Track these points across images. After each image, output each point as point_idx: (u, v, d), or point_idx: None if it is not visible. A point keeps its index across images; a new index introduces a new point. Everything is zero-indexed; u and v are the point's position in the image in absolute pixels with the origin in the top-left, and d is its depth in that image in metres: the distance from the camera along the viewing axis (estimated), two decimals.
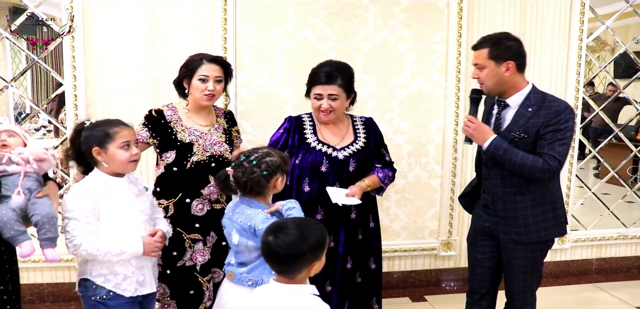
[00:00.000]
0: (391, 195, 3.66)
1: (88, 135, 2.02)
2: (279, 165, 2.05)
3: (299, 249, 1.59)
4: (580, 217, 4.08)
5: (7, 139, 1.98)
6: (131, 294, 2.05)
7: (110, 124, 2.04)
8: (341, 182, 2.52)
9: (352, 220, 2.58)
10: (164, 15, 3.23)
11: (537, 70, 3.66)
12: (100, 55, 3.21)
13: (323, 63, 2.58)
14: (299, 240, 1.60)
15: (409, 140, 3.61)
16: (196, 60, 2.54)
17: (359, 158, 2.58)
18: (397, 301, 3.64)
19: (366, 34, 3.45)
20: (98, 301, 2.01)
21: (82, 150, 2.02)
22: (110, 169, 2.04)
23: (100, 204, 1.98)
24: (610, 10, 4.30)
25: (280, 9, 3.35)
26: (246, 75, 3.36)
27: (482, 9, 3.54)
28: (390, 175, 2.67)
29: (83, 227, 1.93)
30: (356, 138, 2.64)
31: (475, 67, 2.36)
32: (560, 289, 3.85)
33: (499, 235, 2.43)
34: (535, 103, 2.29)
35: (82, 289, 2.05)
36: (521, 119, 2.28)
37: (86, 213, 1.95)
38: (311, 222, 1.76)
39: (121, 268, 2.03)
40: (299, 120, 2.65)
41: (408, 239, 3.75)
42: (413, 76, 3.55)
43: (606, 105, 4.19)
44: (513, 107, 2.33)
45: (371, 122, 2.75)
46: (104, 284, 2.01)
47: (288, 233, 1.61)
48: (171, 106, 2.60)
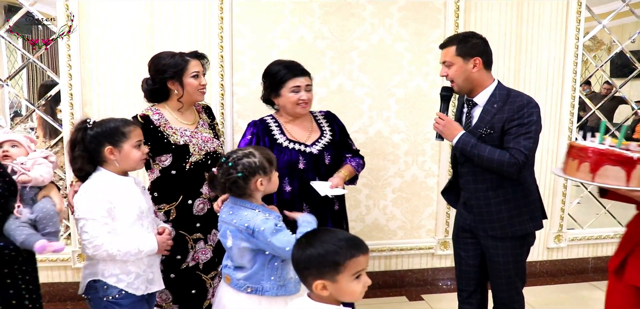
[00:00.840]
0: (388, 194, 3.66)
1: (98, 133, 2.00)
2: (259, 166, 1.99)
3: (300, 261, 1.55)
4: (577, 216, 4.09)
5: (10, 149, 1.95)
6: (142, 293, 2.05)
7: (122, 123, 2.05)
8: (320, 176, 2.54)
9: (336, 211, 2.61)
10: (160, 14, 3.22)
11: (533, 69, 3.67)
12: (96, 54, 3.20)
13: (283, 61, 2.59)
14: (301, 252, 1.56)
15: (406, 139, 3.61)
16: (179, 59, 2.49)
17: (332, 150, 2.62)
18: (393, 300, 3.64)
19: (363, 32, 3.45)
20: (110, 302, 2.00)
21: (90, 149, 1.99)
22: (120, 168, 2.03)
23: (114, 203, 1.97)
24: (606, 10, 4.30)
25: (277, 7, 3.34)
26: (243, 74, 3.36)
27: (479, 8, 3.54)
28: (361, 162, 2.73)
29: (102, 227, 1.92)
30: (322, 132, 2.66)
31: (443, 64, 2.41)
32: (557, 288, 3.86)
33: (479, 232, 2.47)
34: (500, 100, 2.34)
35: (91, 291, 2.02)
36: (487, 116, 2.34)
37: (103, 213, 1.93)
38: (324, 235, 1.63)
39: (133, 267, 2.02)
40: (264, 122, 2.62)
41: (405, 238, 3.76)
42: (410, 75, 3.55)
43: (602, 104, 4.20)
44: (480, 105, 2.39)
45: (331, 114, 2.78)
46: (117, 284, 2.00)
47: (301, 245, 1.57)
48: (155, 109, 2.53)
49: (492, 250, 2.44)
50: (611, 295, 2.18)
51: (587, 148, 1.94)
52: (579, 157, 1.96)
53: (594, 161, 1.91)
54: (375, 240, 3.70)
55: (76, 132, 2.02)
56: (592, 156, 1.91)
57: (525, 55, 3.66)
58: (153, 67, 2.53)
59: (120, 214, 1.99)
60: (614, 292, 2.16)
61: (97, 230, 1.91)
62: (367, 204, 3.64)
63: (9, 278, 1.79)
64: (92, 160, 2.02)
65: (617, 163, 1.88)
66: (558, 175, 2.15)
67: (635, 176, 1.87)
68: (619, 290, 2.11)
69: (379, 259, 3.75)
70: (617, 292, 2.13)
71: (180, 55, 2.52)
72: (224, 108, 3.34)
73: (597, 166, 1.90)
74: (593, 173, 1.91)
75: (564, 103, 3.74)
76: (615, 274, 2.14)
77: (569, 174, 2.01)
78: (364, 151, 2.89)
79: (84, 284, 2.04)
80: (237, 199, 2.03)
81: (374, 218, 3.68)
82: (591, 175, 1.91)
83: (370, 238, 3.67)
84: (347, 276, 1.50)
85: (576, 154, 1.98)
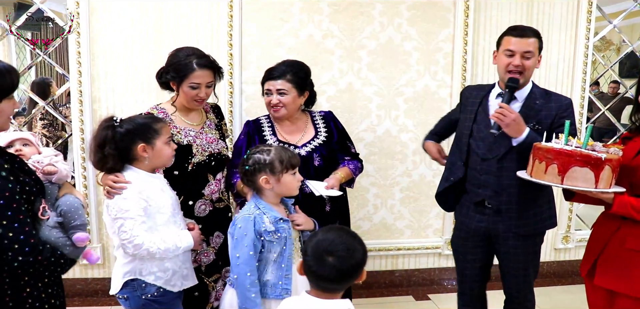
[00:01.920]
0: (395, 193, 3.66)
1: (130, 130, 1.97)
2: (267, 163, 1.98)
3: (347, 271, 1.56)
4: (585, 217, 4.06)
5: (22, 148, 1.93)
6: (178, 289, 2.06)
7: (152, 119, 2.05)
8: (308, 178, 2.48)
9: (327, 212, 2.55)
10: (170, 11, 3.23)
11: (543, 68, 3.65)
12: (105, 51, 3.20)
13: (278, 63, 2.59)
14: (346, 261, 1.55)
15: (414, 139, 3.59)
16: (186, 63, 2.41)
17: (323, 151, 2.57)
18: (400, 300, 3.64)
19: (372, 31, 3.44)
20: (148, 300, 2.00)
21: (121, 147, 1.97)
22: (150, 165, 2.02)
23: (149, 201, 1.96)
24: (616, 10, 4.27)
25: (285, 6, 3.34)
26: (251, 72, 3.36)
27: (489, 8, 3.52)
28: (359, 166, 2.69)
29: (140, 226, 1.91)
30: (317, 133, 2.62)
31: (521, 54, 2.26)
32: (564, 289, 3.84)
33: (498, 231, 2.38)
34: (540, 97, 2.32)
35: (128, 290, 2.01)
36: (531, 112, 2.28)
37: (140, 211, 1.92)
38: (355, 242, 1.63)
39: (170, 264, 2.02)
40: (257, 122, 2.63)
41: (412, 237, 3.75)
42: (418, 74, 3.54)
43: (612, 104, 4.17)
44: (519, 101, 2.32)
45: (330, 115, 2.73)
46: (155, 281, 2.00)
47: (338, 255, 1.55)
48: (160, 108, 2.50)
49: (514, 249, 2.38)
50: (591, 299, 2.17)
51: (554, 149, 1.88)
52: (545, 159, 1.91)
53: (562, 163, 1.85)
54: (383, 239, 3.69)
55: (104, 130, 1.97)
56: (559, 158, 1.86)
57: None
58: (168, 60, 2.50)
59: (156, 212, 1.98)
60: (592, 296, 2.15)
61: (136, 228, 1.90)
62: (375, 203, 3.64)
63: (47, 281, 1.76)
64: (122, 158, 1.99)
65: (585, 164, 1.83)
66: (524, 178, 2.06)
67: (603, 177, 1.84)
68: (595, 293, 2.10)
69: (385, 259, 3.75)
70: (594, 296, 2.11)
71: (195, 58, 2.42)
72: (232, 106, 3.34)
73: (565, 168, 1.85)
74: (562, 175, 1.86)
75: (573, 104, 3.71)
76: (587, 278, 2.13)
77: (536, 177, 1.96)
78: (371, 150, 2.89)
79: (119, 283, 2.02)
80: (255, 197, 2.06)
81: (381, 217, 3.68)
82: (560, 177, 1.86)
83: (377, 237, 3.67)
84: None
85: (542, 156, 1.92)
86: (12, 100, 1.63)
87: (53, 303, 1.78)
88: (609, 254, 2.00)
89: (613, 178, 1.88)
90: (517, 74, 2.27)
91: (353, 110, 3.46)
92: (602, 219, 2.10)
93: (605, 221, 2.07)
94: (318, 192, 2.39)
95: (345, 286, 1.61)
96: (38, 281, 1.71)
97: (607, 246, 2.01)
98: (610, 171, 1.85)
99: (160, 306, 2.02)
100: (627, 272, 1.94)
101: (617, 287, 1.97)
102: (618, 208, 1.91)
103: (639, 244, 1.93)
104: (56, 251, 1.70)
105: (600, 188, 1.85)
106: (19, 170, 1.68)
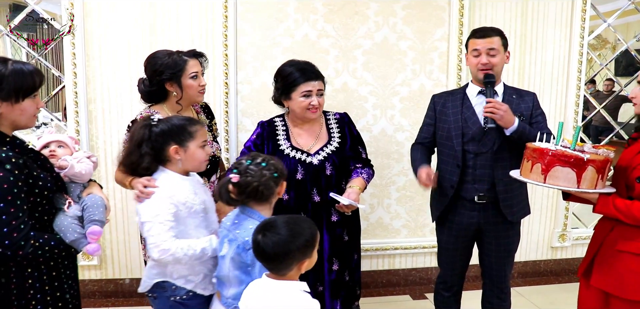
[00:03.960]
0: (392, 192, 3.66)
1: (165, 130, 1.95)
2: (283, 168, 1.96)
3: (288, 247, 1.60)
4: (581, 215, 4.07)
5: (57, 149, 1.97)
6: (209, 293, 2.02)
7: (188, 122, 2.01)
8: (319, 188, 2.46)
9: (333, 222, 2.51)
10: (164, 11, 3.23)
11: (538, 67, 3.66)
12: (100, 52, 3.20)
13: (297, 62, 2.51)
14: (288, 239, 1.60)
15: (410, 138, 3.59)
16: (177, 60, 2.39)
17: (335, 160, 2.50)
18: (397, 299, 3.64)
19: (367, 31, 3.45)
20: (177, 302, 1.97)
21: (156, 147, 1.95)
22: (183, 168, 1.99)
23: (180, 205, 1.92)
24: (611, 8, 4.28)
25: (281, 5, 3.34)
26: (246, 72, 3.36)
27: (484, 6, 3.53)
28: (371, 173, 2.62)
29: (168, 231, 1.87)
30: (330, 138, 2.56)
31: (487, 52, 2.42)
32: (561, 287, 3.85)
33: (489, 222, 2.51)
34: (513, 92, 2.52)
35: (158, 290, 1.99)
36: (511, 105, 2.40)
37: (169, 217, 1.88)
38: (301, 220, 1.72)
39: (201, 268, 1.99)
40: (272, 125, 2.57)
41: (409, 237, 3.75)
42: (414, 74, 3.54)
43: (607, 103, 4.18)
44: (499, 95, 2.48)
45: (346, 118, 2.66)
46: (185, 285, 1.97)
47: (277, 231, 1.61)
48: (154, 111, 2.40)
49: (504, 235, 2.54)
50: (582, 299, 2.16)
51: (540, 149, 1.93)
52: (532, 158, 1.96)
53: (546, 163, 1.90)
54: (379, 239, 3.70)
55: (141, 129, 1.97)
56: (543, 158, 1.90)
57: (529, 53, 3.65)
58: (149, 67, 2.43)
59: (187, 216, 1.94)
60: (584, 296, 2.14)
61: (162, 234, 1.86)
62: (371, 202, 3.64)
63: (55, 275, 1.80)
64: (156, 159, 1.98)
65: (568, 164, 1.86)
66: (514, 178, 2.14)
67: (586, 178, 1.86)
68: (589, 294, 2.09)
69: (382, 258, 3.75)
70: (588, 296, 2.11)
71: (177, 54, 2.42)
72: (228, 107, 3.34)
73: (548, 168, 1.89)
74: (544, 174, 1.90)
75: (568, 102, 3.73)
76: (583, 278, 2.13)
77: (523, 175, 2.02)
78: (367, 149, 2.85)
79: (150, 284, 2.00)
80: (247, 209, 1.90)
81: (378, 217, 3.68)
82: (542, 176, 1.91)
83: (374, 236, 3.67)
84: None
85: (530, 155, 1.98)
86: (35, 100, 1.73)
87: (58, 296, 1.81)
88: (603, 255, 2.01)
89: (598, 178, 1.89)
90: (487, 70, 2.42)
91: (349, 110, 3.43)
92: (601, 220, 2.10)
93: (602, 222, 2.07)
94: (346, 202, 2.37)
95: (281, 268, 1.63)
96: (42, 275, 1.75)
97: (602, 247, 2.02)
98: (594, 172, 1.87)
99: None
100: (618, 274, 1.95)
101: (610, 288, 1.97)
102: (601, 208, 1.94)
103: (628, 245, 1.92)
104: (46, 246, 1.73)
105: (583, 188, 1.88)
106: (41, 166, 1.78)
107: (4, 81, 1.63)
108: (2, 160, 1.60)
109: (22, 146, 1.76)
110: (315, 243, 1.66)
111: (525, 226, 3.85)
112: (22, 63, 1.72)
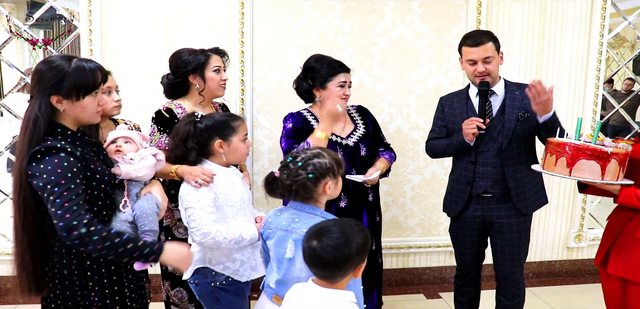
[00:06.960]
0: (406, 191, 3.65)
1: (209, 126, 2.08)
2: (330, 167, 1.85)
3: (346, 252, 1.53)
4: (598, 215, 4.03)
5: (123, 145, 1.98)
6: (247, 279, 2.12)
7: (231, 117, 2.12)
8: (356, 169, 2.61)
9: (370, 202, 2.67)
10: (181, 9, 3.24)
11: (556, 66, 3.62)
12: (116, 50, 3.22)
13: (326, 57, 2.65)
14: (344, 243, 1.53)
15: (426, 136, 3.55)
16: (202, 55, 2.51)
17: (368, 142, 2.69)
18: (411, 298, 3.63)
19: (384, 29, 3.43)
20: (217, 287, 2.08)
21: (201, 142, 2.08)
22: (226, 160, 2.11)
23: (219, 194, 2.04)
24: (631, 6, 4.21)
25: (297, 3, 3.33)
26: (262, 70, 3.36)
27: (502, 4, 3.50)
28: (393, 155, 2.82)
29: (208, 216, 1.98)
30: (356, 126, 2.72)
31: (483, 61, 2.45)
32: (577, 288, 3.82)
33: (502, 215, 2.54)
34: (515, 88, 2.55)
35: (199, 276, 2.09)
36: (515, 102, 2.49)
37: (209, 202, 2.00)
38: (353, 223, 1.63)
39: (239, 255, 2.09)
40: (301, 115, 2.68)
41: (423, 235, 3.74)
42: (430, 72, 3.52)
43: (626, 102, 4.12)
44: (499, 95, 2.53)
45: (363, 108, 2.84)
46: (224, 271, 2.07)
47: (333, 237, 1.54)
48: (178, 104, 2.50)
49: (516, 227, 2.56)
50: (604, 288, 2.28)
51: (565, 143, 2.01)
52: (556, 153, 2.04)
53: (571, 156, 1.98)
54: (394, 237, 3.69)
55: (187, 125, 2.09)
56: (568, 152, 1.99)
57: (547, 52, 3.60)
58: (174, 62, 2.55)
59: (225, 204, 2.05)
60: (605, 285, 2.27)
61: (204, 218, 1.97)
62: (386, 201, 3.63)
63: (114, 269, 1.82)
64: (201, 152, 2.10)
65: (593, 157, 1.95)
66: (537, 171, 2.23)
67: (609, 170, 1.96)
68: (608, 283, 2.23)
69: (397, 257, 3.74)
70: (608, 285, 2.24)
71: (201, 51, 2.54)
72: (244, 104, 3.35)
73: (573, 161, 1.98)
74: (570, 167, 1.99)
75: (586, 102, 3.69)
76: (601, 266, 2.24)
77: (547, 169, 2.10)
78: None
79: (191, 270, 2.10)
80: (302, 204, 1.87)
81: (392, 215, 3.67)
82: (568, 169, 1.99)
83: (388, 235, 3.66)
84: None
85: (553, 150, 2.06)
86: (97, 97, 1.76)
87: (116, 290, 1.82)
88: (621, 243, 2.12)
89: (620, 171, 1.98)
90: (484, 78, 2.47)
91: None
92: (616, 210, 2.21)
93: (618, 212, 2.18)
94: (360, 179, 2.54)
95: (337, 276, 1.56)
96: (101, 268, 1.78)
97: (620, 235, 2.12)
98: (617, 165, 1.96)
99: (228, 293, 2.09)
100: (637, 261, 2.05)
101: (628, 275, 2.08)
102: (623, 198, 2.03)
103: None
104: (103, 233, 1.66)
105: (607, 180, 1.97)
106: (103, 161, 1.83)
107: (65, 79, 1.66)
108: (57, 148, 1.64)
109: (84, 140, 1.80)
110: (368, 246, 1.61)
111: (541, 225, 3.83)
112: (86, 60, 1.74)
